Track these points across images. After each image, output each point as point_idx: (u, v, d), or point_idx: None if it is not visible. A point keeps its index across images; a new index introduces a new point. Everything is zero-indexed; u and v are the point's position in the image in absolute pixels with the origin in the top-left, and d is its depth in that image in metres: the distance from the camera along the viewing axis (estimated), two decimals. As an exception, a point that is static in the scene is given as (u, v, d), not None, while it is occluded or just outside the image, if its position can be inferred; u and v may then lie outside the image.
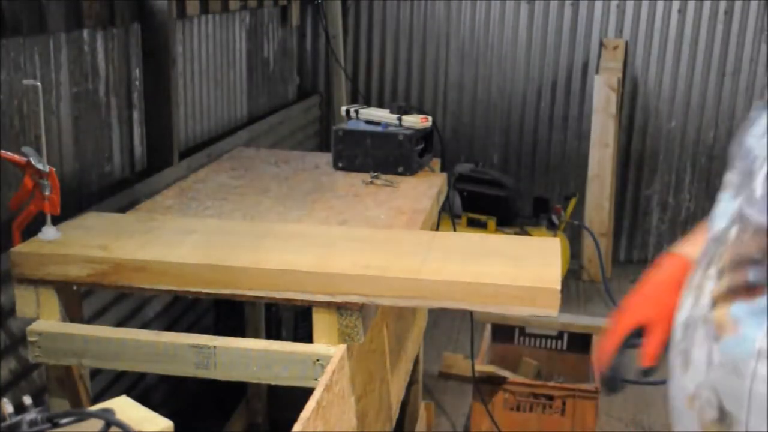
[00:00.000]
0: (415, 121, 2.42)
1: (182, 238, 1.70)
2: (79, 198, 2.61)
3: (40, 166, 1.57)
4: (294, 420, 1.32)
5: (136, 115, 2.99)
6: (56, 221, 1.69)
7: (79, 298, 1.71)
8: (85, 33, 2.63)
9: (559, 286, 1.48)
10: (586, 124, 4.92)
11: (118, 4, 2.78)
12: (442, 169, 2.50)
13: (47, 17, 2.38)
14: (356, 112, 2.52)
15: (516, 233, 4.17)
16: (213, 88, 3.71)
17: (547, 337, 3.35)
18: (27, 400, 1.12)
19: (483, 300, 1.52)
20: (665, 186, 5.08)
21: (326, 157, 2.52)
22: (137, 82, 2.98)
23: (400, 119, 2.42)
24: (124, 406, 1.21)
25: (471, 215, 4.40)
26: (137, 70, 2.97)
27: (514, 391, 2.95)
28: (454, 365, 3.67)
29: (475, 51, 5.18)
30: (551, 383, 3.03)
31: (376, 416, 1.93)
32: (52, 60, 2.45)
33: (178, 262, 1.58)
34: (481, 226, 4.34)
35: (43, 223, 1.66)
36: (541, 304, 1.48)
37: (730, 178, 1.08)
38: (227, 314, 3.19)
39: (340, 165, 2.43)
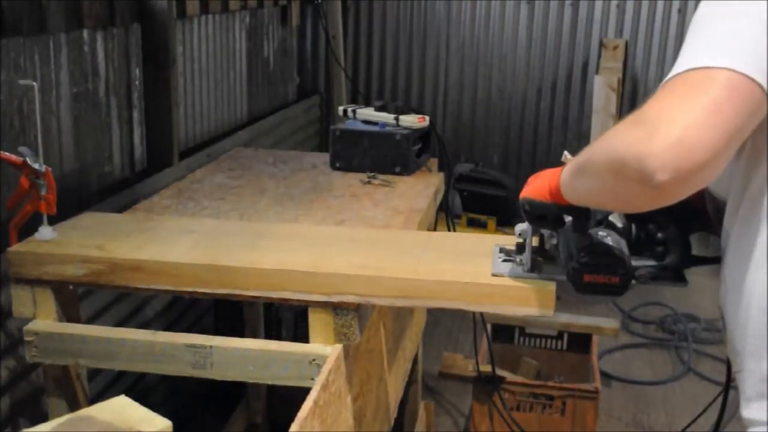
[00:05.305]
0: (412, 120, 2.42)
1: (179, 238, 1.70)
2: (79, 198, 2.61)
3: (36, 166, 1.57)
4: (293, 419, 1.33)
5: (136, 115, 2.99)
6: (54, 221, 1.69)
7: (77, 298, 1.71)
8: (85, 33, 2.63)
9: (554, 287, 1.48)
10: (586, 124, 4.92)
11: (118, 4, 2.79)
12: (442, 169, 2.50)
13: (47, 17, 2.39)
14: (353, 111, 2.53)
15: (516, 233, 4.16)
16: (213, 88, 3.72)
17: (547, 337, 3.35)
18: None
19: (479, 300, 1.52)
20: (665, 186, 5.08)
21: (324, 157, 2.52)
22: (137, 82, 2.98)
23: (397, 119, 2.43)
24: (123, 406, 1.21)
25: (471, 215, 4.41)
26: (137, 70, 2.98)
27: (514, 391, 2.96)
28: (454, 365, 3.67)
29: (475, 51, 5.19)
30: (551, 383, 3.03)
31: (374, 416, 1.93)
32: (52, 60, 2.46)
33: (174, 262, 1.59)
34: (481, 226, 4.35)
35: (41, 223, 1.66)
36: (537, 304, 1.48)
37: None
38: (227, 314, 3.20)
39: (337, 165, 2.43)
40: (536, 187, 1.35)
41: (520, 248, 1.53)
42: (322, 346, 1.55)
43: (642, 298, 4.42)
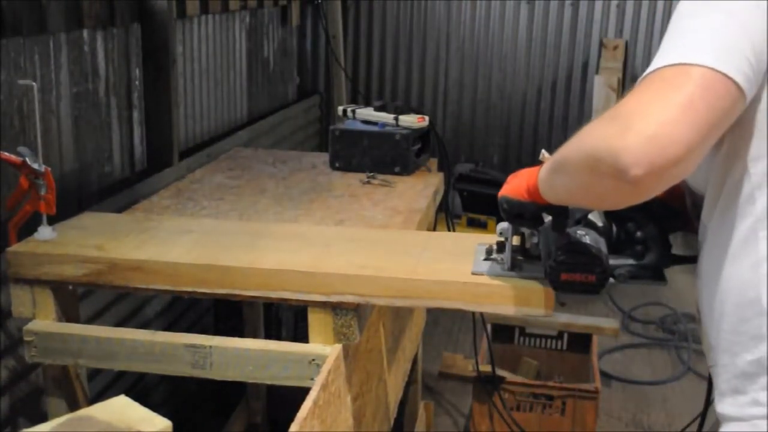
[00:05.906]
0: (411, 120, 2.42)
1: (178, 238, 1.70)
2: (79, 198, 2.62)
3: (35, 166, 1.57)
4: (293, 419, 1.33)
5: (136, 115, 2.99)
6: (53, 221, 1.69)
7: (76, 298, 1.71)
8: (85, 33, 2.63)
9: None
10: (586, 124, 4.92)
11: (118, 4, 2.79)
12: (442, 169, 2.50)
13: (47, 17, 2.39)
14: (353, 111, 2.53)
15: (516, 233, 4.17)
16: (213, 88, 3.72)
17: (547, 337, 3.35)
18: None
19: (477, 300, 1.52)
20: (666, 186, 5.08)
21: (323, 157, 2.52)
22: (137, 82, 2.99)
23: (396, 119, 2.42)
24: (122, 406, 1.21)
25: (471, 215, 4.41)
26: (137, 70, 2.98)
27: (514, 391, 2.96)
28: (454, 365, 3.67)
29: (475, 51, 5.19)
30: (551, 383, 3.03)
31: (374, 416, 1.93)
32: (52, 60, 2.46)
33: (173, 262, 1.59)
34: (481, 226, 4.35)
35: (41, 222, 1.66)
36: (536, 304, 1.48)
37: None
38: (227, 314, 3.20)
39: (337, 165, 2.43)
40: (514, 186, 1.36)
41: (501, 247, 1.53)
42: (322, 346, 1.55)
43: (642, 298, 4.42)
